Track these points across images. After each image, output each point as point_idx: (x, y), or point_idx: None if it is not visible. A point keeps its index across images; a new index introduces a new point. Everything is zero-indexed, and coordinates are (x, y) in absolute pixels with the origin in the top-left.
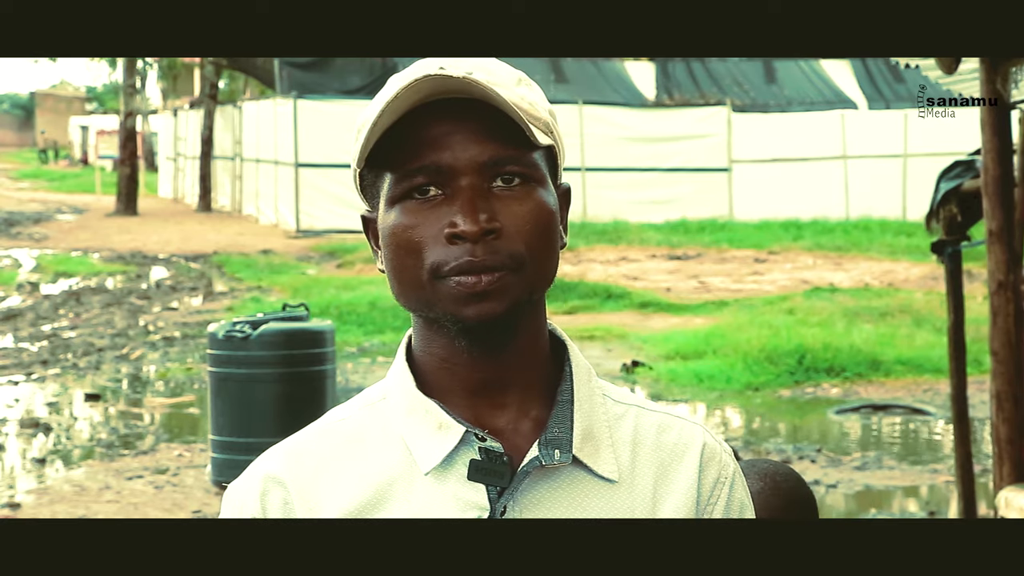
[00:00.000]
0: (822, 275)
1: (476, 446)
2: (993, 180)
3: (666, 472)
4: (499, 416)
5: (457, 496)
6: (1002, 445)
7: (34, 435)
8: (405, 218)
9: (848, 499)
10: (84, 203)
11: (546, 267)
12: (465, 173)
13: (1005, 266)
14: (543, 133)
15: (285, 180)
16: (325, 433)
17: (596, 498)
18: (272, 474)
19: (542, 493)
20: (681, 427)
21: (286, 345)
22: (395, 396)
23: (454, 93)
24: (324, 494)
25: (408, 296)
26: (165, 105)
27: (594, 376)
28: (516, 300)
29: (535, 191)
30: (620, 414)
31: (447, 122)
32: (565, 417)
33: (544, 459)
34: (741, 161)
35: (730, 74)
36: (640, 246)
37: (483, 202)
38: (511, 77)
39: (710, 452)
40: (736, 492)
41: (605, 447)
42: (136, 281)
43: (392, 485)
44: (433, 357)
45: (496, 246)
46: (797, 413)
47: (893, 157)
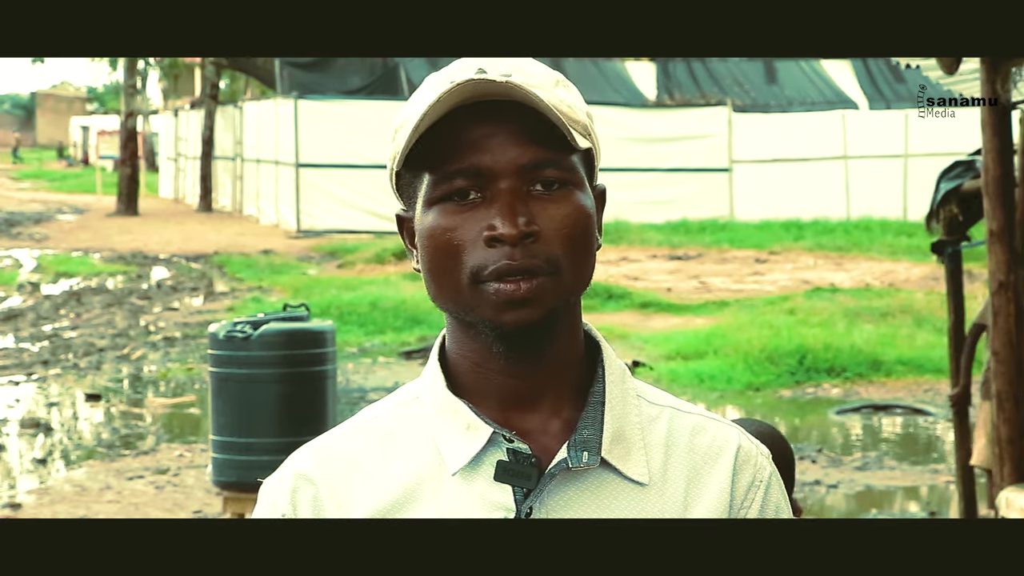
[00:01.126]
0: (823, 275)
1: (504, 447)
2: (993, 180)
3: (699, 475)
4: (530, 417)
5: (484, 497)
6: (1002, 445)
7: (35, 435)
8: (444, 220)
9: (848, 499)
10: (85, 203)
11: (583, 271)
12: (504, 176)
13: (1006, 266)
14: (582, 136)
15: (286, 180)
16: (357, 431)
17: (625, 501)
18: (303, 472)
19: (569, 495)
20: (716, 429)
21: (287, 345)
22: (427, 396)
23: (494, 96)
24: (354, 492)
25: (446, 299)
26: (166, 105)
27: (628, 377)
28: (553, 306)
29: (573, 194)
30: (654, 416)
31: (487, 124)
32: (596, 419)
33: (572, 461)
34: (742, 161)
35: (731, 74)
36: (641, 246)
37: (522, 205)
38: (550, 78)
39: (745, 455)
40: (771, 495)
41: (637, 449)
42: (137, 281)
43: (421, 484)
44: (466, 360)
45: (534, 250)
46: (798, 413)
47: (894, 157)
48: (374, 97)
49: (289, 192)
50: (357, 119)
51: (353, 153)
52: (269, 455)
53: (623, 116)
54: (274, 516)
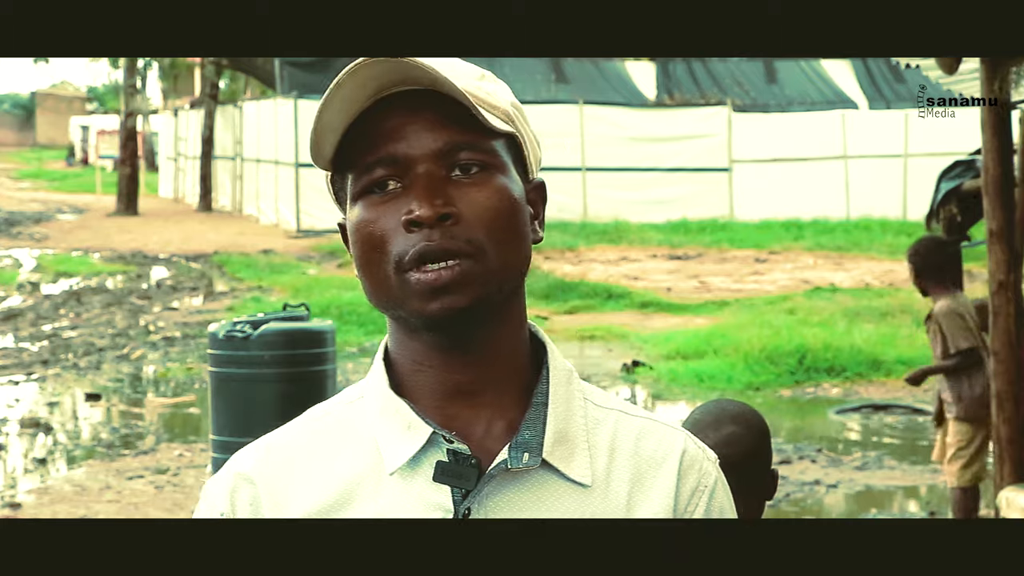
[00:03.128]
0: (823, 275)
1: (444, 448)
2: (993, 180)
3: (643, 479)
4: (472, 418)
5: (422, 497)
6: (1002, 445)
7: (35, 435)
8: (367, 213)
9: (848, 499)
10: (84, 203)
11: (510, 255)
12: (421, 162)
13: (1005, 266)
14: (502, 121)
15: (286, 180)
16: (300, 431)
17: (566, 502)
18: (243, 471)
19: (508, 496)
20: (662, 434)
21: (287, 345)
22: (371, 396)
23: (403, 84)
24: (292, 492)
25: (378, 294)
26: (166, 105)
27: (575, 379)
28: (480, 292)
29: (495, 178)
30: (600, 419)
31: (402, 114)
32: (538, 420)
33: (512, 462)
34: (742, 161)
35: (730, 74)
36: (641, 246)
37: (439, 188)
38: (472, 72)
39: (690, 459)
40: (716, 500)
41: (580, 451)
42: (137, 281)
43: (360, 484)
44: (406, 359)
45: (454, 231)
46: (798, 413)
47: (893, 157)
48: None
49: (289, 192)
50: None
51: None
52: None
53: (623, 116)
54: (212, 515)
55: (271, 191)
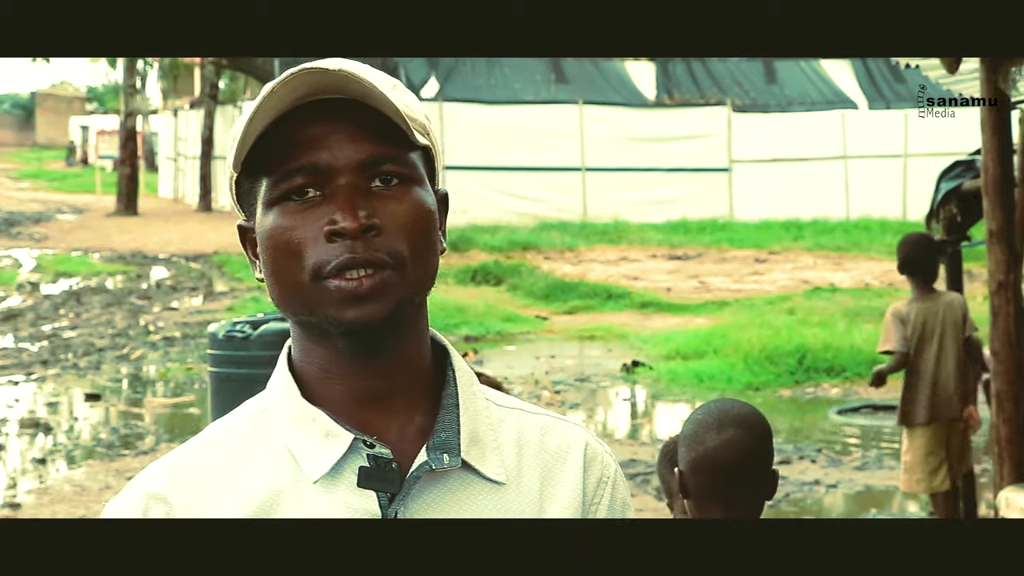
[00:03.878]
0: (822, 275)
1: (364, 453)
2: (993, 180)
3: (551, 473)
4: (385, 423)
5: (347, 503)
6: (1002, 445)
7: (34, 435)
8: (284, 220)
9: (848, 499)
10: (84, 203)
11: (426, 267)
12: (343, 172)
13: (1005, 266)
14: (420, 134)
15: None
16: (206, 447)
17: (485, 500)
18: (153, 491)
19: (433, 497)
20: (563, 429)
21: None
22: (278, 406)
23: (331, 92)
24: (210, 508)
25: (289, 300)
26: (165, 105)
27: (476, 381)
28: (398, 302)
29: (413, 191)
30: (502, 417)
31: (324, 122)
32: (451, 421)
33: (434, 463)
34: (741, 161)
35: (730, 74)
36: (640, 246)
37: (362, 200)
38: (386, 81)
39: (592, 453)
40: (619, 491)
41: (491, 450)
42: (136, 281)
43: (279, 496)
44: (313, 366)
45: (376, 243)
46: (797, 413)
47: (893, 157)
48: None
49: None
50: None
51: None
52: None
53: (623, 116)
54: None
55: None
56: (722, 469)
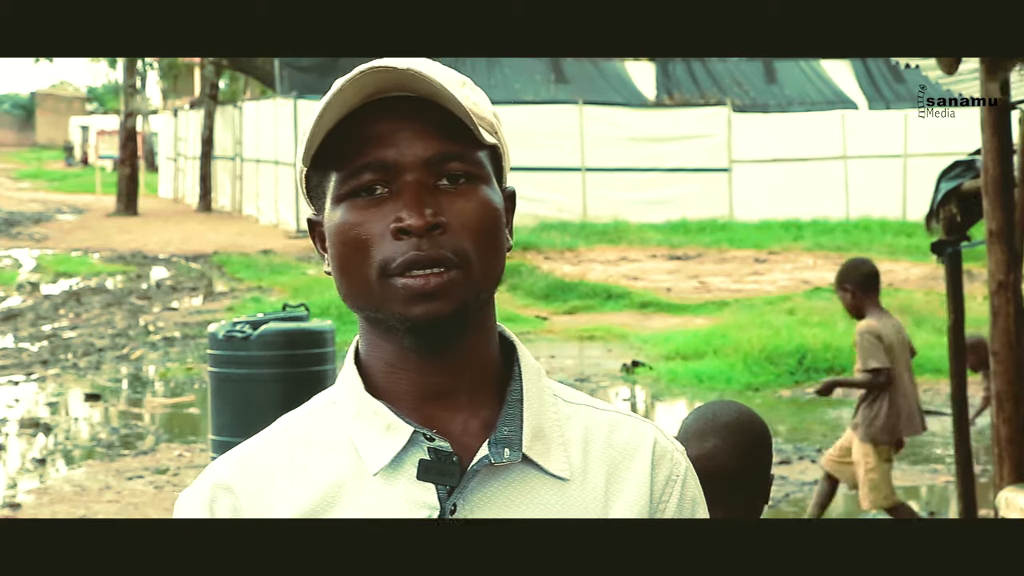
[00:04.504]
0: (822, 275)
1: (425, 446)
2: (993, 180)
3: (618, 470)
4: (448, 417)
5: (407, 496)
6: (1002, 445)
7: (34, 435)
8: (351, 216)
9: (848, 499)
10: (84, 203)
11: (491, 266)
12: (410, 169)
13: (1005, 266)
14: (488, 132)
15: (285, 180)
16: (274, 439)
17: (547, 495)
18: (221, 482)
19: (492, 491)
20: (632, 426)
21: (286, 345)
22: (344, 400)
23: (399, 90)
24: (274, 499)
25: (356, 296)
26: (165, 105)
27: (544, 376)
28: (463, 300)
29: (480, 189)
30: (570, 414)
31: (392, 119)
32: (515, 416)
33: (494, 457)
34: (741, 161)
35: (730, 74)
36: (640, 246)
37: (429, 197)
38: (456, 79)
39: (661, 450)
40: (688, 489)
41: (556, 445)
42: (136, 281)
43: (342, 487)
44: (380, 361)
45: (442, 241)
46: (797, 413)
47: (893, 157)
48: None
49: (288, 192)
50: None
51: None
52: None
53: (623, 116)
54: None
55: (271, 191)
56: (706, 478)
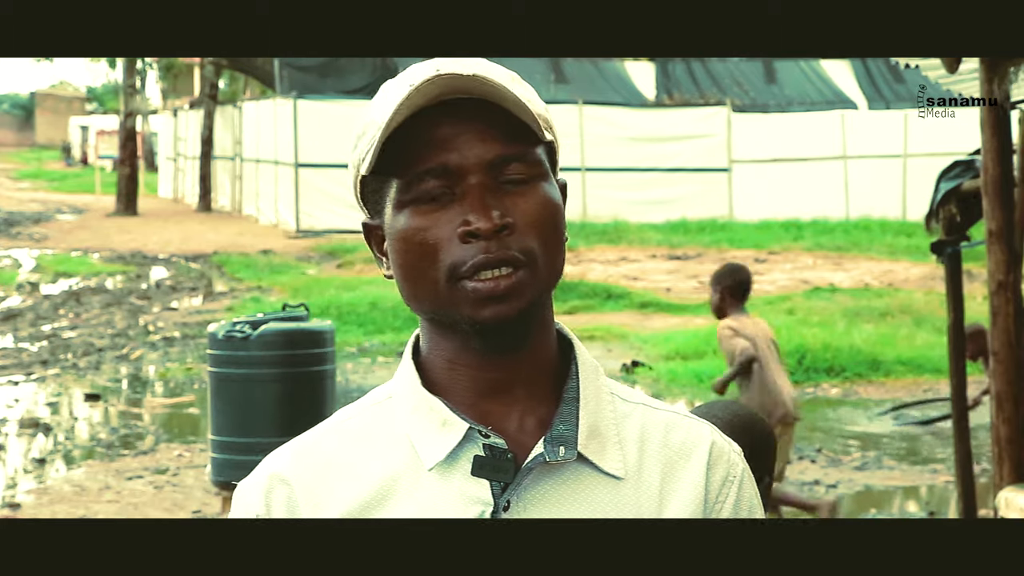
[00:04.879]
0: (822, 275)
1: (480, 443)
2: (993, 180)
3: (673, 470)
4: (505, 414)
5: (461, 491)
6: (1002, 445)
7: (34, 435)
8: (416, 221)
9: (848, 499)
10: (84, 203)
11: (556, 262)
12: (473, 172)
13: (1005, 266)
14: (545, 129)
15: (285, 180)
16: (332, 432)
17: (602, 494)
18: (278, 473)
19: (546, 488)
20: (689, 426)
21: (286, 345)
22: (401, 395)
23: (458, 93)
24: (329, 491)
25: (422, 300)
26: (165, 105)
27: (602, 374)
28: (531, 299)
29: (541, 187)
30: (627, 412)
31: (452, 123)
32: (571, 414)
33: (549, 455)
34: (741, 161)
35: (730, 74)
36: (640, 246)
37: (494, 199)
38: (508, 76)
39: (718, 451)
40: (745, 491)
41: (612, 444)
42: (136, 281)
43: (397, 481)
44: (439, 358)
45: (509, 242)
46: None
47: (893, 157)
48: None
49: (288, 192)
50: (356, 119)
51: None
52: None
53: (622, 116)
54: (248, 517)
55: (270, 191)
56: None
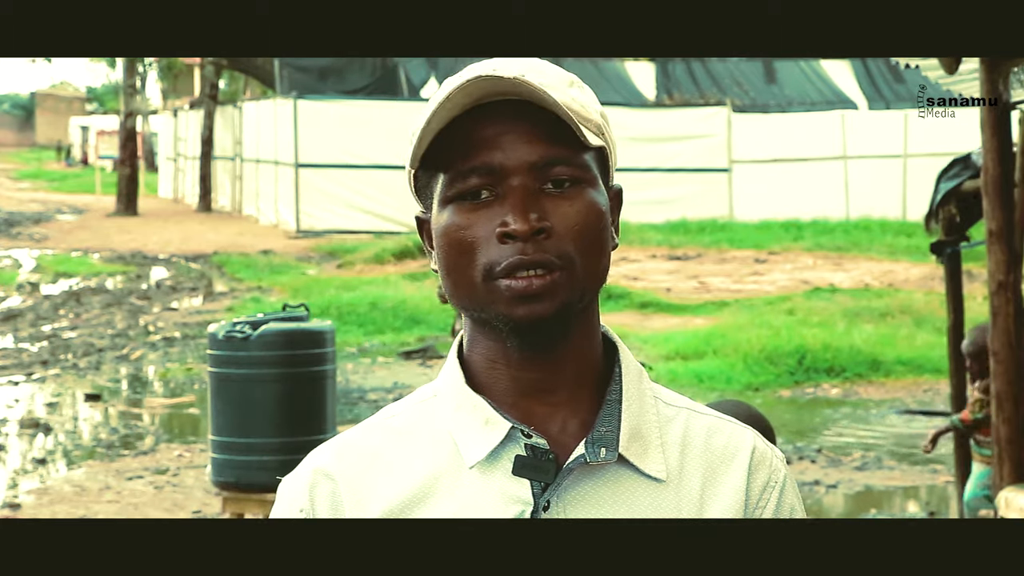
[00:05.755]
0: (822, 275)
1: (522, 442)
2: (993, 180)
3: (715, 475)
4: (548, 414)
5: (502, 490)
6: (1002, 445)
7: (34, 435)
8: (458, 218)
9: (848, 499)
10: (84, 203)
11: (595, 268)
12: (516, 173)
13: (1005, 266)
14: (594, 134)
15: (285, 180)
16: (376, 429)
17: (642, 497)
18: (322, 468)
19: (586, 490)
20: (731, 431)
21: (286, 345)
22: (445, 393)
23: (507, 95)
24: (372, 487)
25: (461, 296)
26: (165, 105)
27: (645, 378)
28: (566, 301)
29: (585, 192)
30: (671, 416)
31: (499, 123)
32: (613, 416)
33: (590, 456)
34: (741, 161)
35: (730, 74)
36: (640, 246)
37: (534, 202)
38: (563, 79)
39: (760, 456)
40: (786, 497)
41: (654, 447)
42: (136, 281)
43: (439, 479)
44: (482, 357)
45: (546, 246)
46: (797, 413)
47: (893, 157)
48: (374, 97)
49: (288, 192)
50: (357, 119)
51: (352, 153)
52: (268, 455)
53: (622, 116)
54: (292, 512)
55: (271, 191)
56: None
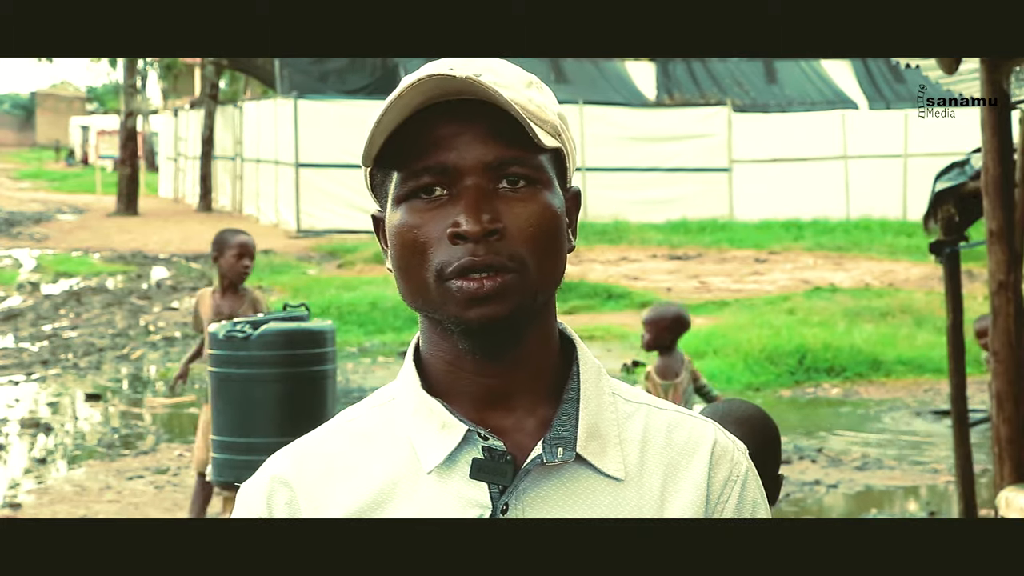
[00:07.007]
0: (822, 275)
1: (479, 445)
2: (993, 180)
3: (675, 471)
4: (505, 415)
5: (459, 494)
6: (1002, 445)
7: (35, 435)
8: (410, 217)
9: (848, 499)
10: (84, 203)
11: (549, 270)
12: (470, 173)
13: (1005, 266)
14: (550, 136)
15: (286, 180)
16: (333, 433)
17: (601, 496)
18: (278, 475)
19: (545, 491)
20: (692, 425)
21: (286, 345)
22: (402, 397)
23: (460, 94)
24: (330, 493)
25: (414, 296)
26: (165, 105)
27: (604, 375)
28: (518, 303)
29: (540, 193)
30: (630, 413)
31: (454, 123)
32: (570, 415)
33: (547, 457)
34: (741, 161)
35: (730, 74)
36: (640, 246)
37: (487, 203)
38: (521, 79)
39: (721, 450)
40: (748, 491)
41: (612, 445)
42: (136, 281)
43: (397, 484)
44: (439, 359)
45: (498, 247)
46: (797, 413)
47: (893, 157)
48: (374, 97)
49: (289, 192)
50: (357, 119)
51: (353, 153)
52: (269, 455)
53: (623, 116)
54: (250, 519)
55: (271, 191)
56: None
